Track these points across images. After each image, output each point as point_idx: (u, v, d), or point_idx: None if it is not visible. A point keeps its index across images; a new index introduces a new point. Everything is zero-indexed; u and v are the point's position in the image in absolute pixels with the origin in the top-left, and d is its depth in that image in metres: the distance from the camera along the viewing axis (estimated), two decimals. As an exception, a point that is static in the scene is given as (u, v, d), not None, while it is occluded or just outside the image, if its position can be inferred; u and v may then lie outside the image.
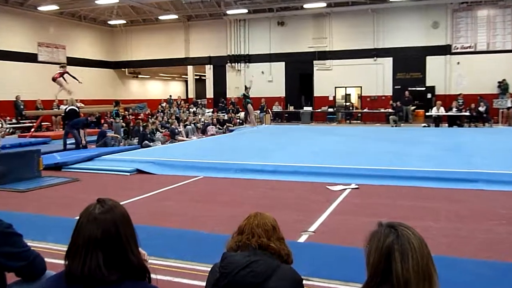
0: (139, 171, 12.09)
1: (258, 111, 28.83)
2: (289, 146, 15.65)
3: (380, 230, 2.09)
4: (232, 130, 23.58)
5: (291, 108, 30.94)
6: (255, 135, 20.17)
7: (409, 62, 28.47)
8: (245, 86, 25.19)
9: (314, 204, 8.34)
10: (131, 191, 9.75)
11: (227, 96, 32.66)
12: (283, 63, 31.44)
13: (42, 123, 24.50)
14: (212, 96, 33.69)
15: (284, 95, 31.86)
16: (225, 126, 24.30)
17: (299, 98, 31.67)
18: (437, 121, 25.54)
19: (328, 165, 11.26)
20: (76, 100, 18.95)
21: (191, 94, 35.37)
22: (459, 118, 25.68)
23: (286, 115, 31.11)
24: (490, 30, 27.27)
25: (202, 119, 24.96)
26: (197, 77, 36.91)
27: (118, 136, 18.59)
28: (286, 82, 31.66)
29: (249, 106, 24.05)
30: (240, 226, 2.72)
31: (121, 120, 21.03)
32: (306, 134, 20.26)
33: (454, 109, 25.67)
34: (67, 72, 21.19)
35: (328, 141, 17.15)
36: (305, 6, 29.36)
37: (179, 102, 31.98)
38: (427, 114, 26.68)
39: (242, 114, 28.04)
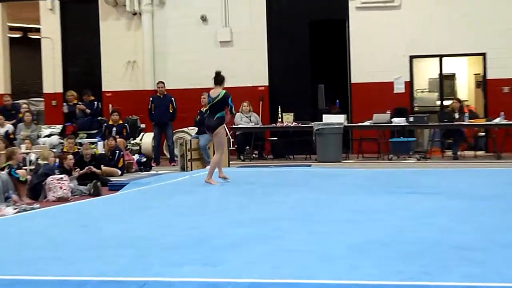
0: None
1: (194, 130, 17.00)
2: (283, 230, 8.70)
3: None
4: (118, 186, 14.01)
5: (288, 120, 18.02)
6: (190, 199, 12.07)
7: None
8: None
9: None
10: None
11: (104, 88, 20.25)
12: (262, -9, 19.42)
13: None
14: (60, 91, 21.17)
15: (266, 84, 19.15)
16: (95, 181, 13.33)
17: (308, 92, 18.94)
18: None
19: (392, 282, 5.91)
20: None
21: (-1, 87, 23.23)
22: None
23: (274, 139, 18.50)
24: None
25: (33, 156, 16.01)
26: (17, 34, 26.74)
27: None
28: (270, 45, 19.10)
29: (222, 131, 12.97)
30: None
31: None
32: (331, 194, 12.11)
33: None
34: None
35: (393, 213, 9.53)
36: None
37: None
38: None
39: (147, 138, 17.01)
